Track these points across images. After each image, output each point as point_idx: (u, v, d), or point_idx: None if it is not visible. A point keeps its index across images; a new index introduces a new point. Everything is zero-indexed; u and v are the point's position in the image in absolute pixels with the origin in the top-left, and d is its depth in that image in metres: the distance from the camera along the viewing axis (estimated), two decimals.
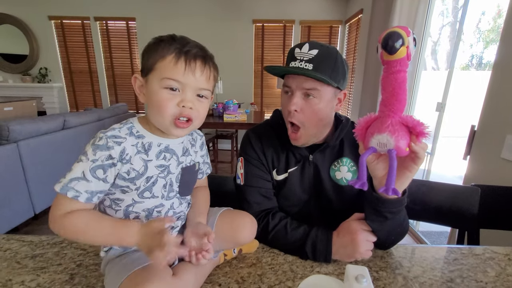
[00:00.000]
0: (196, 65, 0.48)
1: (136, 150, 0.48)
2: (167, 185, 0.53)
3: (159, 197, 0.52)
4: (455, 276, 0.57)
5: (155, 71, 0.47)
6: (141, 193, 0.50)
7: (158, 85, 0.47)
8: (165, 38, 0.48)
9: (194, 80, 0.48)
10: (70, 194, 0.43)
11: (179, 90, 0.47)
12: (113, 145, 0.46)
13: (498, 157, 1.22)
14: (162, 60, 0.46)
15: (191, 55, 0.47)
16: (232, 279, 0.55)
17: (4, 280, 0.54)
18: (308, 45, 0.61)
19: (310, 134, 0.68)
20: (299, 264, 0.60)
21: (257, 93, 4.23)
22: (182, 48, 0.47)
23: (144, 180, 0.49)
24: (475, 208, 0.89)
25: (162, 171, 0.51)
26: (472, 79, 5.00)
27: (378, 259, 0.62)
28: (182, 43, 0.47)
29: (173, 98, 0.47)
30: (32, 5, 3.88)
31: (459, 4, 4.22)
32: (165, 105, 0.47)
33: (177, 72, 0.46)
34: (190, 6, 3.86)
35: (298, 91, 0.63)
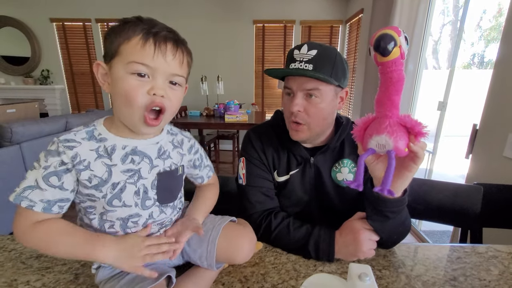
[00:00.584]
0: (167, 48, 0.43)
1: (97, 155, 0.44)
2: (140, 192, 0.47)
3: (132, 205, 0.47)
4: (458, 274, 0.57)
5: (120, 55, 0.42)
6: (109, 201, 0.45)
7: (124, 71, 0.42)
8: (131, 19, 0.44)
9: (165, 64, 0.43)
10: (24, 204, 0.41)
11: (149, 76, 0.42)
12: (63, 150, 0.42)
13: (501, 156, 1.22)
14: (127, 42, 0.41)
15: (161, 37, 0.43)
16: (235, 278, 0.55)
17: (10, 280, 0.54)
18: (307, 46, 0.62)
19: (313, 133, 0.68)
20: (302, 263, 0.60)
21: (258, 93, 4.24)
22: (151, 29, 0.42)
23: (110, 187, 0.45)
24: (477, 206, 0.89)
25: (130, 177, 0.46)
26: (473, 78, 4.98)
27: (381, 258, 0.62)
28: (150, 24, 0.43)
29: (142, 85, 0.42)
30: (34, 7, 3.90)
31: (459, 3, 4.21)
32: (133, 93, 0.41)
33: (146, 55, 0.41)
34: (191, 7, 3.87)
35: (299, 92, 0.64)
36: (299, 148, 0.72)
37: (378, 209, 0.56)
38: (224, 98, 3.71)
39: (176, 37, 0.46)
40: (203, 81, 3.44)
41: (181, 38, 0.47)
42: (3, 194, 1.74)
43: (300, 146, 0.72)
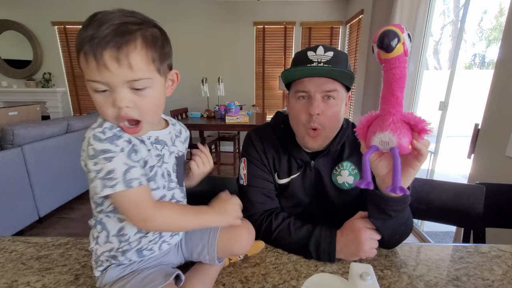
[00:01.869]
0: (105, 58, 0.37)
1: (138, 140, 0.46)
2: (165, 175, 0.50)
3: (160, 187, 0.50)
4: (461, 274, 0.56)
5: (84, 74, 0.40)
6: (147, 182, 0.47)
7: (89, 88, 0.41)
8: (85, 22, 0.40)
9: (113, 75, 0.38)
10: (135, 184, 0.41)
11: (108, 89, 0.40)
12: (119, 133, 0.42)
13: (503, 155, 1.21)
14: (79, 57, 0.40)
15: (97, 46, 0.37)
16: (236, 279, 0.55)
17: (10, 281, 0.54)
18: (322, 48, 0.62)
19: (327, 138, 0.67)
20: (303, 263, 0.60)
21: (258, 95, 4.24)
22: (88, 40, 0.37)
23: (148, 169, 0.47)
24: (480, 206, 0.89)
25: (158, 161, 0.49)
26: (474, 78, 4.97)
27: (383, 257, 0.61)
28: (92, 30, 0.38)
29: (106, 100, 0.41)
30: (36, 11, 3.93)
31: (460, 3, 4.22)
32: (102, 109, 0.41)
33: (92, 71, 0.39)
34: (191, 9, 3.89)
35: (317, 94, 0.62)
36: (299, 151, 0.71)
37: (380, 207, 0.55)
38: (224, 100, 3.72)
39: (118, 36, 0.38)
40: (204, 82, 3.45)
41: (128, 29, 0.40)
42: (5, 195, 1.75)
43: (301, 150, 0.72)
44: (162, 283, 0.45)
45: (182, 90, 4.19)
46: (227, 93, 3.83)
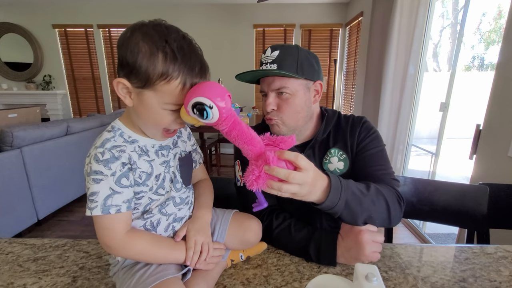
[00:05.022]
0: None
1: (137, 154, 0.48)
2: (172, 178, 0.54)
3: (169, 191, 0.53)
4: (468, 275, 0.55)
5: (155, 91, 0.43)
6: (155, 191, 0.51)
7: (159, 107, 0.45)
8: (163, 48, 0.41)
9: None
10: (113, 211, 0.44)
11: (178, 108, 0.46)
12: (119, 154, 0.45)
13: (505, 156, 1.21)
14: (166, 83, 0.42)
15: (197, 77, 0.45)
16: (237, 281, 0.54)
17: (6, 284, 0.53)
18: (270, 48, 0.66)
19: (289, 126, 0.69)
20: (305, 265, 0.58)
21: (258, 97, 4.24)
22: (189, 73, 0.43)
23: (154, 180, 0.50)
24: (484, 207, 0.87)
25: (165, 167, 0.52)
26: (474, 80, 4.98)
27: (387, 258, 0.60)
28: (187, 63, 0.43)
29: (172, 116, 0.47)
30: (37, 14, 3.95)
31: (459, 6, 4.23)
32: (164, 123, 0.47)
33: (182, 97, 0.44)
34: (191, 12, 3.91)
35: (270, 92, 0.67)
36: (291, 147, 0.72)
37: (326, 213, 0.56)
38: None
39: (206, 66, 0.48)
40: None
41: (207, 67, 0.49)
42: (4, 198, 1.74)
43: None
44: (174, 274, 0.48)
45: None
46: None
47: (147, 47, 0.41)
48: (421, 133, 4.75)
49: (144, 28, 0.43)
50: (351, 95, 3.46)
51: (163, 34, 0.43)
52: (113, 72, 4.16)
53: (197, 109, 0.41)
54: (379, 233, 0.57)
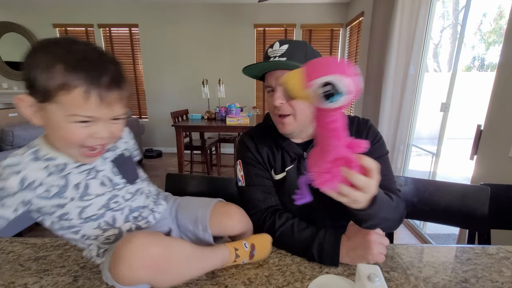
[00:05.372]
0: (112, 98, 0.42)
1: (47, 173, 0.45)
2: (107, 181, 0.51)
3: (104, 192, 0.50)
4: (470, 276, 0.55)
5: (58, 104, 0.40)
6: (81, 198, 0.47)
7: (65, 120, 0.41)
8: (63, 56, 0.39)
9: (110, 112, 0.43)
10: None
11: (92, 121, 0.43)
12: (8, 175, 0.42)
13: (506, 156, 1.20)
14: (67, 93, 0.39)
15: (105, 87, 0.41)
16: (238, 281, 0.54)
17: (7, 283, 0.53)
18: (278, 43, 0.65)
19: (300, 123, 0.68)
20: (307, 265, 0.58)
21: (259, 96, 4.24)
22: (94, 82, 0.40)
23: (73, 189, 0.47)
24: (485, 207, 0.87)
25: (88, 174, 0.49)
26: (474, 80, 4.98)
27: (389, 259, 0.60)
28: (91, 72, 0.40)
29: (85, 130, 0.42)
30: (37, 13, 3.94)
31: (459, 6, 4.23)
32: (75, 139, 0.42)
33: (90, 108, 0.41)
34: (192, 12, 3.91)
35: (278, 87, 0.65)
36: (291, 144, 0.73)
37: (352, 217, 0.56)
38: (225, 102, 3.71)
39: (119, 76, 0.43)
40: (205, 84, 3.45)
41: (121, 71, 0.44)
42: None
43: (291, 143, 0.73)
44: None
45: (182, 92, 4.20)
46: (228, 95, 3.83)
47: (45, 59, 0.40)
48: (422, 134, 4.74)
49: (46, 43, 0.42)
50: None
51: (66, 46, 0.41)
52: None
53: (325, 90, 0.33)
54: (385, 236, 0.57)
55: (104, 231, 0.51)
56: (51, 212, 0.47)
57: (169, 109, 3.94)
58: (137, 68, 4.16)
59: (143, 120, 4.32)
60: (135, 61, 4.13)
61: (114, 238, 0.52)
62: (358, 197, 0.44)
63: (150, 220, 0.57)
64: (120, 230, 0.53)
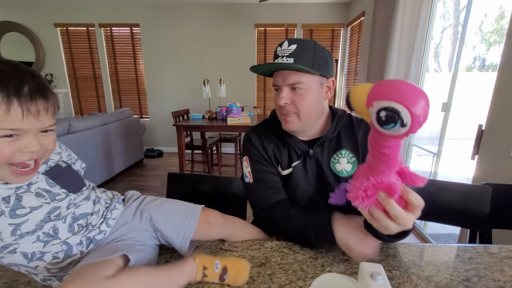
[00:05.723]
0: (38, 106, 0.40)
1: None
2: (43, 192, 0.46)
3: (42, 204, 0.45)
4: (472, 275, 0.55)
5: None
6: (11, 213, 0.42)
7: None
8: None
9: (37, 122, 0.40)
10: None
11: (17, 134, 0.39)
12: None
13: (507, 156, 1.20)
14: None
15: (27, 96, 0.39)
16: None
17: (11, 281, 0.53)
18: (287, 42, 0.65)
19: (304, 122, 0.70)
20: (309, 263, 0.59)
21: (260, 96, 4.24)
22: (12, 90, 0.38)
23: (1, 201, 0.42)
24: (486, 207, 0.87)
25: (17, 189, 0.44)
26: (475, 80, 4.97)
27: (391, 258, 0.60)
28: (6, 84, 0.38)
29: (11, 145, 0.39)
30: (39, 13, 3.95)
31: (460, 7, 4.22)
32: (1, 155, 0.39)
33: (12, 120, 0.38)
34: (193, 12, 3.91)
35: (284, 86, 0.67)
36: (297, 141, 0.74)
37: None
38: (226, 101, 3.72)
39: (43, 85, 0.41)
40: (206, 84, 3.45)
41: (43, 82, 0.42)
42: None
43: (297, 139, 0.74)
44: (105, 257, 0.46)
45: (183, 92, 4.20)
46: (229, 94, 3.83)
47: None
48: (423, 133, 4.74)
49: None
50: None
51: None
52: (114, 71, 4.17)
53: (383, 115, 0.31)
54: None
55: (45, 244, 0.45)
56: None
57: (170, 109, 3.94)
58: (138, 68, 4.16)
59: (144, 119, 4.33)
60: (136, 61, 4.13)
61: (64, 256, 0.47)
62: (389, 226, 0.42)
63: (103, 229, 0.53)
64: (68, 245, 0.48)
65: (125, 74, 4.18)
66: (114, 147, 2.95)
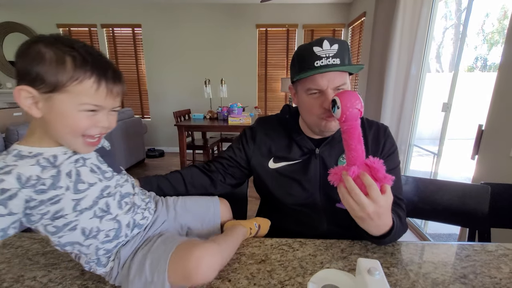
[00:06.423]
0: (117, 89, 0.48)
1: (40, 166, 0.44)
2: (95, 169, 0.51)
3: (97, 182, 0.50)
4: (468, 272, 0.56)
5: (67, 93, 0.42)
6: (74, 188, 0.47)
7: (75, 109, 0.44)
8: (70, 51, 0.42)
9: (112, 102, 0.48)
10: None
11: (97, 110, 0.46)
12: (2, 177, 0.41)
13: (507, 156, 1.21)
14: (78, 83, 0.42)
15: (111, 79, 0.46)
16: (241, 275, 0.55)
17: (16, 276, 0.55)
18: (327, 41, 0.63)
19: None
20: (308, 260, 0.60)
21: (261, 96, 4.26)
22: (102, 72, 0.44)
23: (66, 178, 0.46)
24: (485, 206, 0.88)
25: (76, 162, 0.49)
26: (476, 81, 4.96)
27: (389, 255, 0.61)
28: (99, 64, 0.44)
29: (91, 119, 0.46)
30: (41, 13, 3.98)
31: (462, 7, 4.21)
32: (81, 127, 0.45)
33: (99, 97, 0.45)
34: (194, 12, 3.93)
35: (330, 89, 0.64)
36: (305, 139, 0.74)
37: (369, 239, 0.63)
38: (227, 101, 3.73)
39: (118, 72, 0.48)
40: (207, 84, 3.47)
41: (119, 71, 0.49)
42: None
43: (305, 138, 0.74)
44: (183, 239, 0.52)
45: (185, 92, 4.21)
46: (230, 94, 3.84)
47: (52, 53, 0.42)
48: (423, 134, 4.74)
49: (45, 39, 0.43)
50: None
51: (68, 42, 0.44)
52: None
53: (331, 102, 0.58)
54: None
55: (100, 219, 0.49)
56: (45, 212, 0.45)
57: (171, 109, 3.96)
58: (140, 68, 4.19)
59: (145, 119, 4.35)
60: (138, 61, 4.15)
61: (113, 235, 0.51)
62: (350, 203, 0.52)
63: (146, 215, 0.58)
64: (119, 224, 0.52)
65: (127, 74, 4.20)
66: (116, 147, 2.97)
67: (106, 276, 0.53)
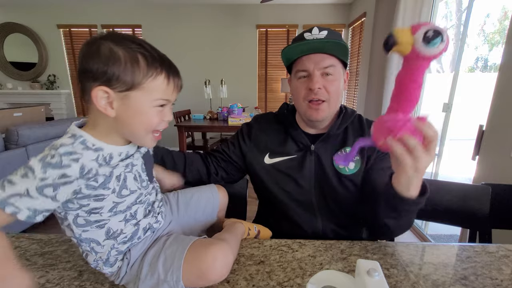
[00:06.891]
0: (180, 84, 0.51)
1: (98, 164, 0.45)
2: (137, 177, 0.52)
3: (136, 189, 0.51)
4: (469, 273, 0.55)
5: (144, 90, 0.44)
6: (119, 193, 0.48)
7: (150, 105, 0.46)
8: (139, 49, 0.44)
9: (175, 96, 0.51)
10: (8, 210, 0.38)
11: (165, 105, 0.49)
12: (69, 163, 0.41)
13: (508, 156, 1.20)
14: (153, 79, 0.45)
15: (176, 73, 0.49)
16: (240, 276, 0.55)
17: None
18: (317, 28, 0.65)
19: (331, 110, 0.70)
20: (308, 261, 0.59)
21: (261, 97, 4.25)
22: (169, 68, 0.47)
23: (115, 181, 0.47)
24: (486, 207, 0.88)
25: (126, 166, 0.50)
26: (477, 81, 4.95)
27: (389, 256, 0.61)
28: (164, 60, 0.47)
29: (159, 114, 0.48)
30: (42, 14, 3.99)
31: (462, 7, 4.22)
32: (154, 123, 0.48)
33: (169, 92, 0.48)
34: (194, 13, 3.93)
35: (316, 71, 0.65)
36: (301, 135, 0.74)
37: (394, 206, 0.55)
38: (227, 102, 3.73)
39: (177, 69, 0.50)
40: (207, 84, 3.47)
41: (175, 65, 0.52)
42: None
43: (302, 133, 0.75)
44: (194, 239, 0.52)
45: (185, 92, 4.21)
46: (230, 95, 3.84)
47: (123, 51, 0.43)
48: None
49: (111, 37, 0.44)
50: (354, 95, 3.46)
51: (133, 40, 0.45)
52: None
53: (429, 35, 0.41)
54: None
55: (125, 222, 0.51)
56: (85, 204, 0.45)
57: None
58: None
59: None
60: None
61: (129, 237, 0.51)
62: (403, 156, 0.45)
63: (159, 219, 0.58)
64: (138, 227, 0.52)
65: None
66: None
67: (112, 276, 0.52)
